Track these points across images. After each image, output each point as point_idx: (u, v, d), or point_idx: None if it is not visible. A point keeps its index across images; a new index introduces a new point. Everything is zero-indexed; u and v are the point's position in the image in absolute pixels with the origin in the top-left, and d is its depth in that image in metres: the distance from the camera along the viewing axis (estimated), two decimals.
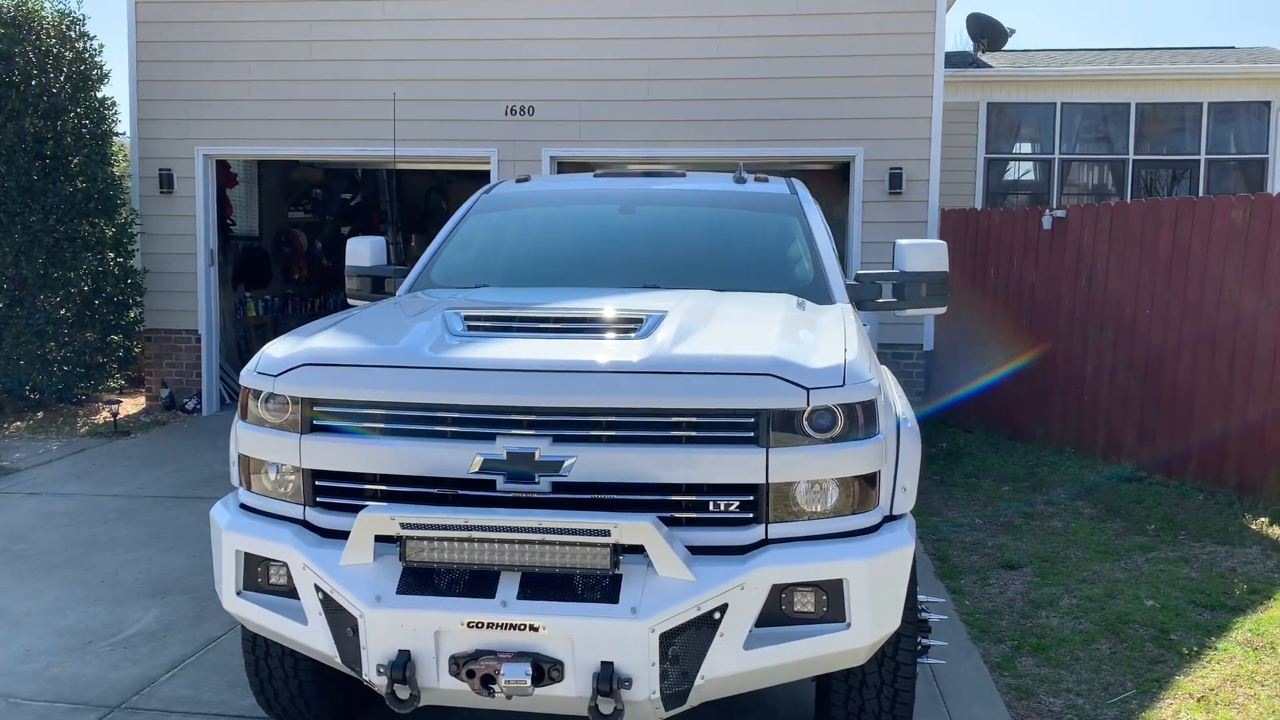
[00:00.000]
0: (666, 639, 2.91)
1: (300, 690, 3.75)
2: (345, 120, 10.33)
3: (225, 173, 11.40)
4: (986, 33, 15.89)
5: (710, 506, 3.05)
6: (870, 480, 3.12)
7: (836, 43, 9.89)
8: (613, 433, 3.04)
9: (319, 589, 3.10)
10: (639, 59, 10.06)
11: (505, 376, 3.11)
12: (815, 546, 3.04)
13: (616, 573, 2.95)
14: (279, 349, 3.44)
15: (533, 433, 3.05)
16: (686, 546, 3.00)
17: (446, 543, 2.98)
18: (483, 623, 2.95)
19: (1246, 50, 15.65)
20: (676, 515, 3.04)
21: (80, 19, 10.35)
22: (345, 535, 3.07)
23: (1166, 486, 7.67)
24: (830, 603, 3.02)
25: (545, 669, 2.94)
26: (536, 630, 2.93)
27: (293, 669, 3.71)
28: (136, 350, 10.96)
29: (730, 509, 3.05)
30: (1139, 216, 8.24)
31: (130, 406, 10.93)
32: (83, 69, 10.29)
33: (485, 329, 3.52)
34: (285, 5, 10.41)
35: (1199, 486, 7.57)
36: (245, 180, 12.43)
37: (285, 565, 3.18)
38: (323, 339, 3.49)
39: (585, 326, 3.55)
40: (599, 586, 2.97)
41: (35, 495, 7.48)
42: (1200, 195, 11.64)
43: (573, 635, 2.92)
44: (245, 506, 3.40)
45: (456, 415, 3.10)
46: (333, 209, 14.36)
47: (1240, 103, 14.04)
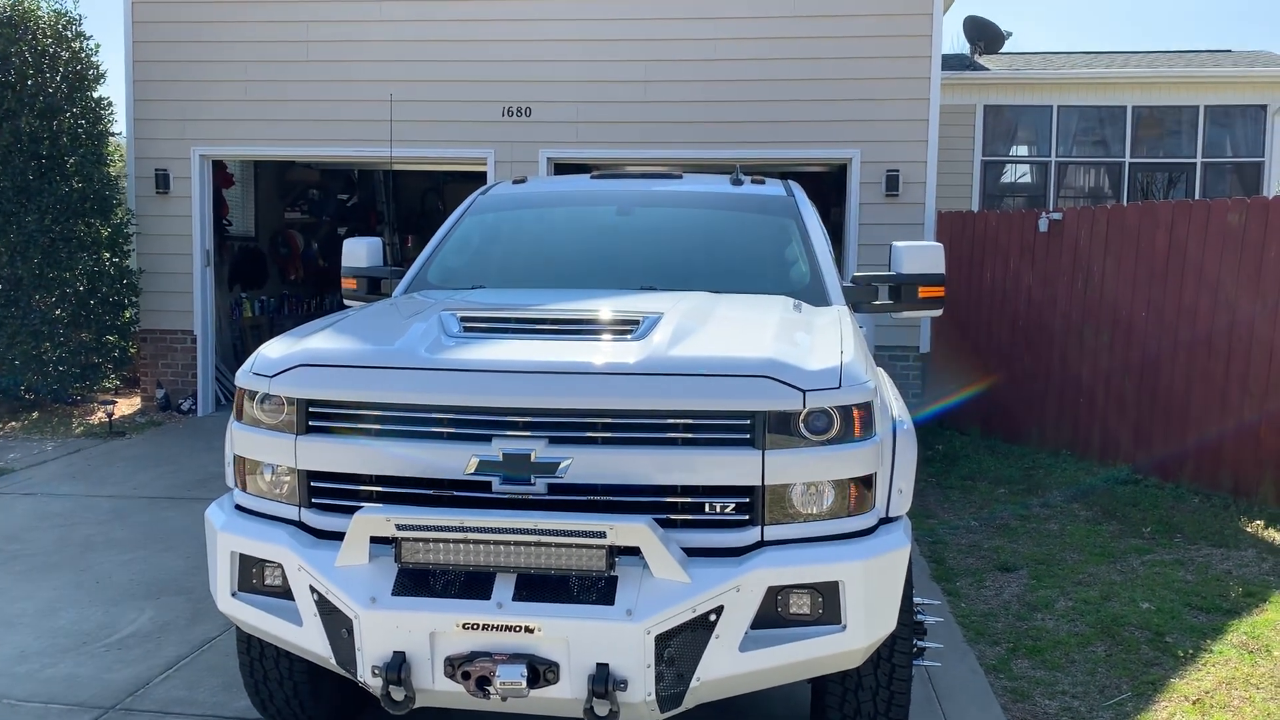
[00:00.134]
0: (662, 641, 2.91)
1: (295, 692, 3.75)
2: (342, 121, 10.32)
3: (221, 173, 11.39)
4: (983, 35, 15.90)
5: (706, 508, 3.05)
6: (866, 482, 3.12)
7: (834, 45, 9.89)
8: (609, 434, 3.04)
9: (314, 590, 3.09)
10: (636, 60, 10.06)
11: (501, 378, 3.10)
12: (811, 548, 3.04)
13: (612, 574, 2.95)
14: (275, 350, 3.43)
15: (529, 434, 3.05)
16: (682, 548, 2.99)
17: (442, 544, 2.98)
18: (478, 624, 2.95)
19: (1243, 54, 15.68)
20: (672, 517, 3.04)
21: (76, 19, 10.35)
22: (341, 536, 3.07)
23: (1162, 489, 7.68)
24: (826, 605, 3.02)
25: (540, 671, 2.93)
26: (532, 632, 2.93)
27: (288, 670, 3.70)
28: (132, 351, 10.94)
29: (726, 511, 3.05)
30: (1135, 219, 8.25)
31: (125, 407, 10.91)
32: (79, 69, 10.28)
33: (481, 330, 3.52)
34: (282, 6, 10.40)
35: (1195, 489, 7.58)
36: (241, 181, 12.41)
37: (280, 566, 3.18)
38: (319, 340, 3.49)
39: (582, 328, 3.55)
40: (595, 588, 2.96)
41: (30, 496, 7.46)
42: (1196, 198, 11.65)
43: (568, 637, 2.92)
44: (240, 507, 3.39)
45: (452, 416, 3.10)
46: (329, 210, 14.35)
47: (1237, 106, 14.07)
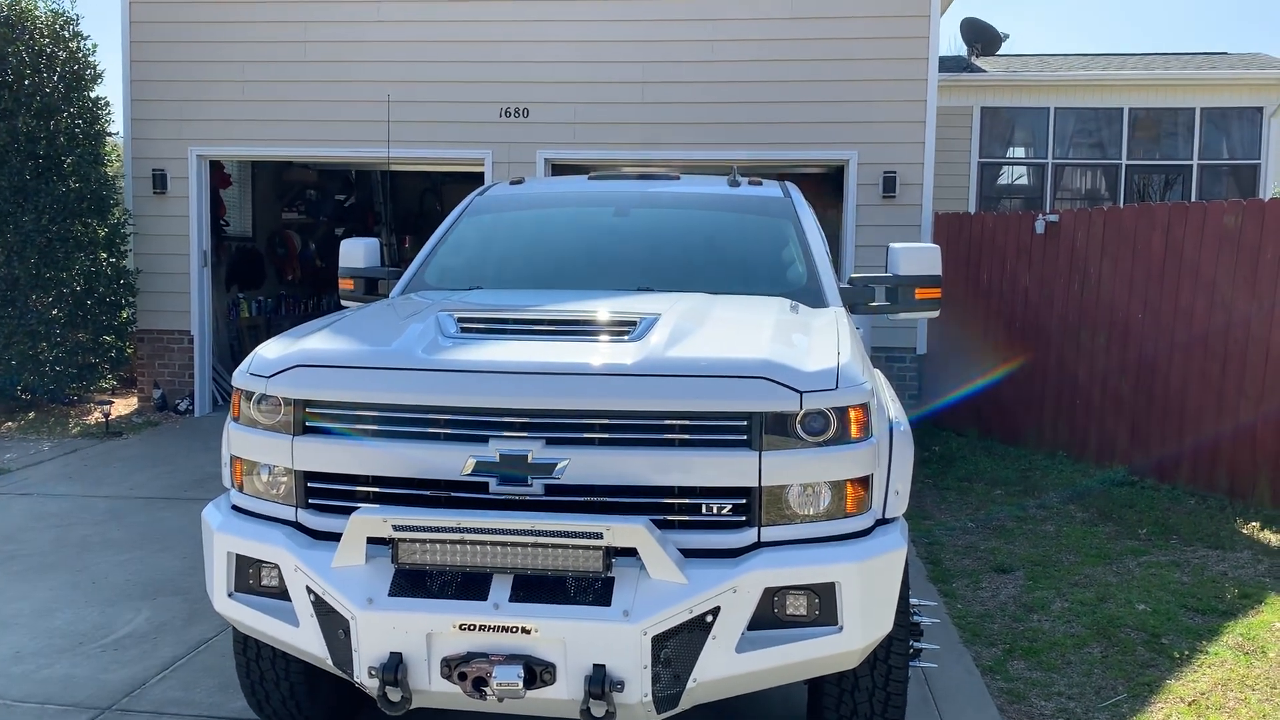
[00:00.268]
0: (659, 642, 2.91)
1: (292, 692, 3.75)
2: (339, 121, 10.32)
3: (219, 173, 11.38)
4: (980, 38, 15.92)
5: (703, 509, 3.05)
6: (863, 483, 3.12)
7: (831, 46, 9.90)
8: (606, 435, 3.04)
9: (311, 591, 3.09)
10: (634, 61, 10.06)
11: (498, 379, 3.10)
12: (808, 550, 3.04)
13: (609, 575, 2.95)
14: (272, 350, 3.43)
15: (526, 435, 3.05)
16: (679, 549, 2.99)
17: (439, 545, 2.98)
18: (475, 625, 2.95)
19: (1239, 56, 15.71)
20: (669, 518, 3.04)
21: (74, 19, 10.33)
22: (337, 537, 3.07)
23: (1158, 490, 7.69)
24: (823, 606, 3.02)
25: (537, 672, 2.93)
26: (529, 633, 2.93)
27: (284, 671, 3.70)
28: (129, 351, 10.94)
29: (723, 512, 3.05)
30: (1132, 221, 8.27)
31: (122, 407, 10.90)
32: (76, 69, 10.27)
33: (479, 331, 3.52)
34: (280, 6, 10.40)
35: (1191, 490, 7.59)
36: (239, 181, 12.40)
37: (277, 567, 3.18)
38: (316, 340, 3.49)
39: (579, 329, 3.55)
40: (591, 589, 2.96)
41: (26, 496, 7.45)
42: (1193, 200, 11.67)
43: (565, 638, 2.92)
44: (237, 508, 3.39)
45: (449, 417, 3.10)
46: (327, 210, 14.34)
47: (1233, 108, 14.10)
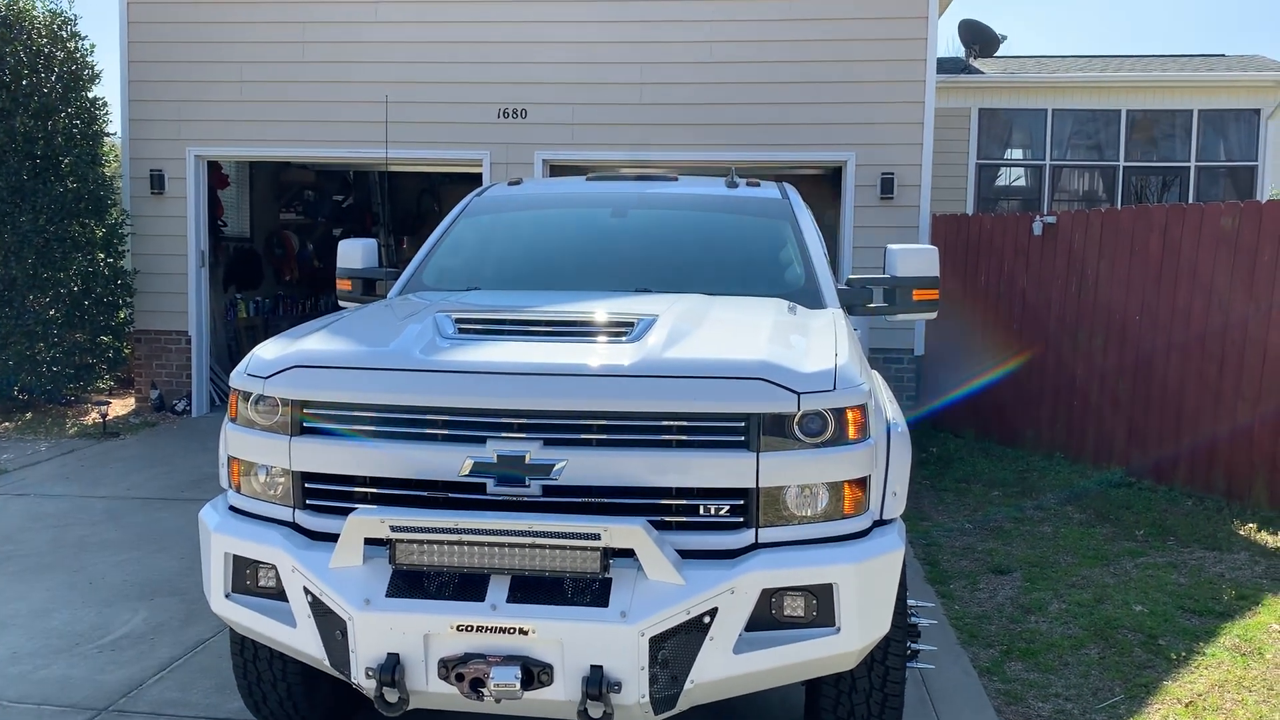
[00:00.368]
0: (656, 643, 2.91)
1: (289, 693, 3.74)
2: (337, 122, 10.32)
3: (217, 174, 11.37)
4: (978, 39, 15.94)
5: (701, 510, 3.05)
6: (860, 485, 3.13)
7: (829, 48, 9.91)
8: (603, 436, 3.04)
9: (308, 591, 3.09)
10: (632, 62, 10.06)
11: (496, 379, 3.10)
12: (805, 551, 3.04)
13: (606, 576, 2.95)
14: (269, 351, 3.43)
15: (523, 436, 3.05)
16: (677, 550, 2.99)
17: (436, 545, 2.97)
18: (472, 626, 2.95)
19: (1236, 58, 15.73)
20: (667, 519, 3.04)
21: (72, 19, 10.33)
22: (335, 538, 3.06)
23: (1156, 492, 7.69)
24: (820, 607, 3.03)
25: (535, 672, 2.93)
26: (526, 634, 2.93)
27: (281, 672, 3.70)
28: (126, 351, 10.93)
29: (720, 513, 3.05)
30: (1129, 223, 8.27)
31: (120, 408, 10.89)
32: (74, 69, 10.26)
33: (476, 332, 3.52)
34: (278, 7, 10.39)
35: (1188, 492, 7.60)
36: (237, 181, 12.39)
37: (274, 568, 3.17)
38: (313, 341, 3.49)
39: (576, 330, 3.55)
40: (589, 590, 2.96)
41: (23, 496, 7.44)
42: (1190, 202, 11.68)
43: (562, 639, 2.92)
44: (234, 508, 3.39)
45: (447, 418, 3.10)
46: (324, 211, 14.33)
47: (1230, 110, 14.12)
